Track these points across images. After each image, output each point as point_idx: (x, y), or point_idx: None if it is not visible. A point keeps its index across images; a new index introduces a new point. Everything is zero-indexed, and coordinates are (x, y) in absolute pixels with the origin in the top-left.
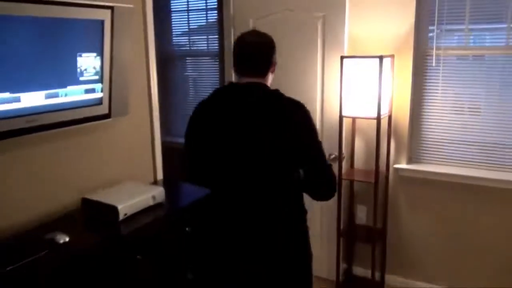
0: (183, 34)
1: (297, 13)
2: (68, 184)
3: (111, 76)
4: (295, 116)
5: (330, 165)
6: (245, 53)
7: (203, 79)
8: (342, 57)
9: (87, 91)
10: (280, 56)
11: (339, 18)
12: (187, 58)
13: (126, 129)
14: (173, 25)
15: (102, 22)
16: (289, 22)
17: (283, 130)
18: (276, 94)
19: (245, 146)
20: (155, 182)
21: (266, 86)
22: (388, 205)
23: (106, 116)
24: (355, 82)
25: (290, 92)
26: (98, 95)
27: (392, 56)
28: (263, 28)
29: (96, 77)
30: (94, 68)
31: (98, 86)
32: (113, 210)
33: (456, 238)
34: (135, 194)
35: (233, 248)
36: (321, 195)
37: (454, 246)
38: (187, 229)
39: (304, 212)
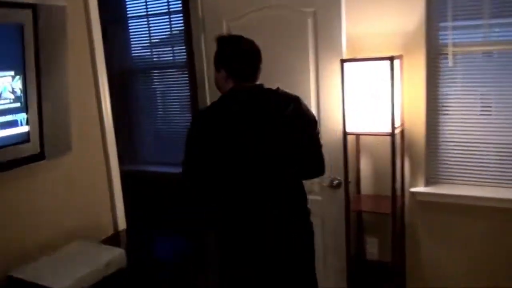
0: (144, 43)
1: (281, 10)
2: None
3: (40, 102)
4: (307, 113)
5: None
6: (247, 60)
7: (171, 94)
8: (342, 61)
9: (4, 125)
10: (262, 64)
11: (333, 13)
12: (153, 72)
13: (71, 170)
14: (131, 34)
15: (20, 28)
16: (271, 22)
17: (298, 127)
18: (284, 93)
19: (272, 143)
20: (116, 235)
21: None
22: (406, 236)
23: (38, 156)
24: (359, 91)
25: None
26: (22, 129)
27: (400, 57)
28: (240, 31)
29: (17, 105)
30: (13, 92)
31: (21, 116)
32: None
33: (490, 273)
34: (81, 264)
35: (264, 243)
36: (312, 177)
37: (488, 283)
38: None
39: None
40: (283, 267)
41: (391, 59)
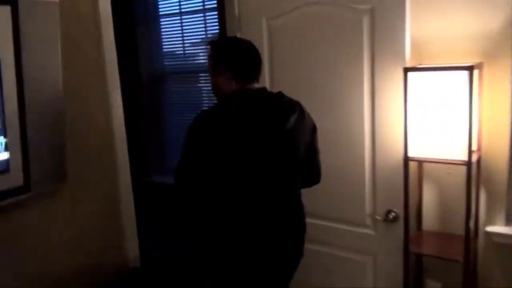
0: (177, 43)
1: (331, 6)
2: None
3: (24, 122)
4: (308, 119)
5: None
6: (251, 60)
7: (205, 98)
8: (405, 70)
9: None
10: (306, 70)
11: (395, 11)
12: (186, 74)
13: (68, 203)
14: (163, 33)
15: None
16: (319, 21)
17: (307, 132)
18: (288, 98)
19: (274, 146)
20: (125, 277)
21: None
22: (478, 286)
23: (21, 189)
24: (425, 107)
25: (321, 124)
26: (0, 156)
27: (480, 65)
28: (282, 31)
29: None
30: None
31: None
32: None
33: None
34: None
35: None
36: (308, 185)
37: None
38: None
39: None
40: (283, 267)
41: (471, 68)
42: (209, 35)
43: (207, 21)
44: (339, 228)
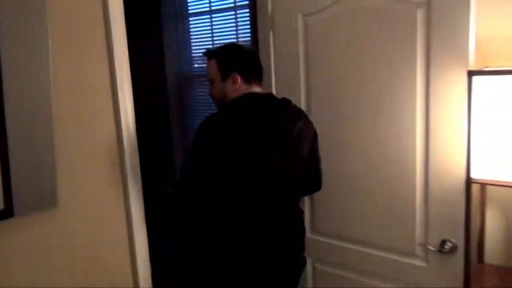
0: (206, 43)
1: (377, 0)
2: None
3: (4, 133)
4: (312, 126)
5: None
6: (256, 61)
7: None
8: (470, 73)
9: None
10: (347, 74)
11: (457, 3)
12: None
13: (60, 232)
14: (192, 32)
15: None
16: (362, 16)
17: (310, 139)
18: (294, 105)
19: (280, 152)
20: None
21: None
22: None
23: (2, 214)
24: (494, 118)
25: (364, 137)
26: None
27: None
28: (319, 29)
29: None
30: None
31: None
32: None
33: None
34: None
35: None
36: (309, 193)
37: None
38: None
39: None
40: (284, 268)
41: None
42: (240, 35)
43: (238, 19)
44: (384, 256)
